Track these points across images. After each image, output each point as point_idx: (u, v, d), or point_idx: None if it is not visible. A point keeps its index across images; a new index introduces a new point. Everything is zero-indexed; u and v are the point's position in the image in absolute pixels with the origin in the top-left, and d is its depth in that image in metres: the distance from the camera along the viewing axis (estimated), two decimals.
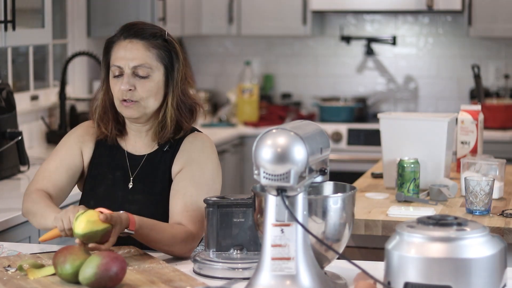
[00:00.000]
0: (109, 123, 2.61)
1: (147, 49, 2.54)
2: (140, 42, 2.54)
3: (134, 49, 2.53)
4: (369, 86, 6.21)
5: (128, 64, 2.53)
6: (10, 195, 3.52)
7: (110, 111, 2.61)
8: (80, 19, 5.12)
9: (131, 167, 2.61)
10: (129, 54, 2.53)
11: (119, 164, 2.62)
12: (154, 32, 2.57)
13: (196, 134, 2.63)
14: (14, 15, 3.54)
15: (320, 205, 2.08)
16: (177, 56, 2.58)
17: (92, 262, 2.07)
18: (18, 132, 3.82)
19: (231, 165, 5.56)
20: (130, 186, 2.60)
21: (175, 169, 2.57)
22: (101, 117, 2.61)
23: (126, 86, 2.52)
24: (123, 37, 2.56)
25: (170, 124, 2.57)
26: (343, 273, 2.19)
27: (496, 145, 5.25)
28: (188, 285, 2.12)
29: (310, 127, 2.11)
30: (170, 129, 2.58)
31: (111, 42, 2.58)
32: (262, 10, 5.90)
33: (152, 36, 2.55)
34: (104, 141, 2.65)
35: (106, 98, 2.61)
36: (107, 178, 2.62)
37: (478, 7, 5.62)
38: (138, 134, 2.63)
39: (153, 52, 2.55)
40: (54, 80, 5.00)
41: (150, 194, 2.57)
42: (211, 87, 6.34)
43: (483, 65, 5.87)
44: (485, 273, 1.88)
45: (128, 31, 2.56)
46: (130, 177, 2.61)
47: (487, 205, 3.03)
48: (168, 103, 2.57)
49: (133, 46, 2.53)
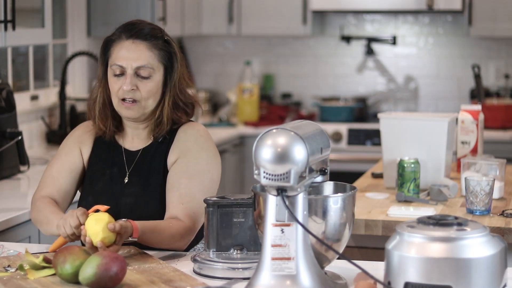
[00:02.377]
0: (108, 120, 2.63)
1: (149, 49, 2.55)
2: (143, 43, 2.55)
3: (137, 49, 2.54)
4: (369, 86, 6.21)
5: (131, 65, 2.54)
6: (10, 195, 3.52)
7: (109, 108, 2.62)
8: (80, 19, 5.12)
9: (128, 162, 2.64)
10: (132, 54, 2.54)
11: (116, 160, 2.65)
12: (155, 33, 2.58)
13: (190, 124, 2.65)
14: (14, 15, 3.54)
15: (320, 205, 2.08)
16: (176, 56, 2.60)
17: (92, 262, 2.07)
18: (18, 132, 3.82)
19: (231, 165, 5.56)
20: (126, 180, 2.62)
21: (171, 159, 2.60)
22: (100, 114, 2.63)
23: (128, 86, 2.53)
24: (125, 37, 2.56)
25: (166, 123, 2.60)
26: (343, 273, 2.18)
27: (496, 145, 5.24)
28: (189, 285, 2.12)
29: (310, 127, 2.11)
30: (166, 126, 2.60)
31: (111, 41, 2.59)
32: (262, 10, 5.90)
33: (154, 37, 2.57)
34: (103, 138, 2.66)
35: (105, 95, 2.62)
36: (105, 174, 2.64)
37: (478, 7, 5.62)
38: (135, 131, 2.65)
39: (155, 52, 2.56)
40: (54, 80, 5.00)
41: (145, 186, 2.59)
42: (211, 87, 6.34)
43: (483, 65, 5.87)
44: (485, 273, 1.88)
45: (130, 31, 2.56)
46: (127, 172, 2.63)
47: (487, 205, 3.03)
48: (165, 102, 2.59)
49: (136, 47, 2.55)
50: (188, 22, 5.71)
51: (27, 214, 3.19)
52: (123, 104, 2.56)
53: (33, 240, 3.23)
